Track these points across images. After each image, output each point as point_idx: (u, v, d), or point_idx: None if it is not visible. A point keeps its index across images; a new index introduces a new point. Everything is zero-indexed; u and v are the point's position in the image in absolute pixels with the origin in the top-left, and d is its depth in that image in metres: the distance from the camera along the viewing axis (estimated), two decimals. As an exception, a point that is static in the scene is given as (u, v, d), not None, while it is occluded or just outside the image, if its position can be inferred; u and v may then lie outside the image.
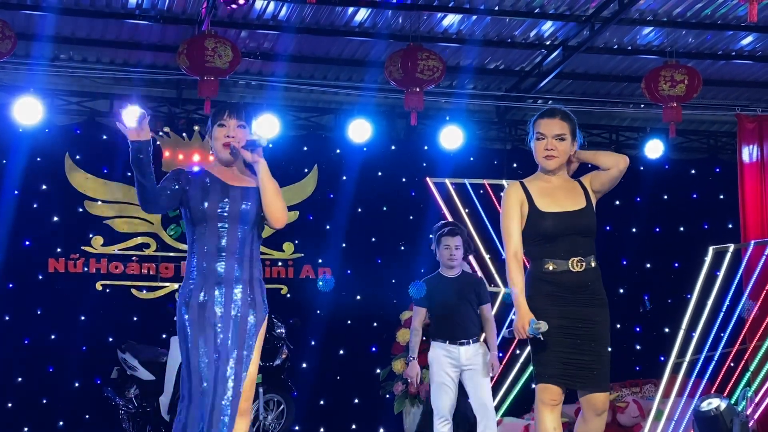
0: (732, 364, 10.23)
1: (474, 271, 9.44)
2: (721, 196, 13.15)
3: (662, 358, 11.32)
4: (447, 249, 8.13)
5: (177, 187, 5.45)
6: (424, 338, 8.34)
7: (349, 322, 11.92)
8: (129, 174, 11.27)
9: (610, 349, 5.53)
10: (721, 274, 9.54)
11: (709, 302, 9.44)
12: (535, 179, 5.59)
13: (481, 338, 8.15)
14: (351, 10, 10.29)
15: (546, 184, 5.52)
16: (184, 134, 11.58)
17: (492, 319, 8.23)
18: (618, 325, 12.78)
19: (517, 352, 10.74)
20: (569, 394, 5.62)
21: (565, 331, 5.30)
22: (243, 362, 5.26)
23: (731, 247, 9.64)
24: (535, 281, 5.40)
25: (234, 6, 8.78)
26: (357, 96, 11.92)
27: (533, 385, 5.47)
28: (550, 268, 5.34)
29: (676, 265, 12.67)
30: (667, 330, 12.18)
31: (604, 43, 11.19)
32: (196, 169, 5.67)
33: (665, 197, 13.19)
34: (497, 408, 9.83)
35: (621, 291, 12.87)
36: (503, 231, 5.47)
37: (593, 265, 5.39)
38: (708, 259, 9.40)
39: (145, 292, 11.49)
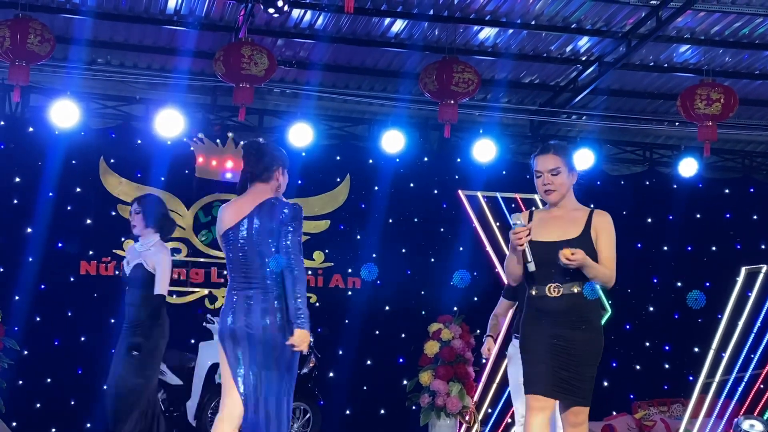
0: (762, 386, 10.15)
1: None
2: (755, 217, 13.06)
3: (691, 378, 11.25)
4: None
5: None
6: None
7: (377, 332, 11.90)
8: (162, 179, 11.44)
9: (592, 369, 5.63)
10: (753, 295, 9.49)
11: (740, 323, 9.39)
12: (543, 209, 5.92)
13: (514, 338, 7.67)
14: (388, 20, 10.32)
15: (547, 215, 5.80)
16: (218, 141, 11.62)
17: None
18: (647, 344, 12.73)
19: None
20: (592, 411, 5.75)
21: (546, 348, 5.53)
22: None
23: (764, 268, 9.58)
24: (526, 305, 5.71)
25: (272, 10, 8.78)
26: (391, 107, 11.93)
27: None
28: (533, 293, 5.60)
29: (708, 284, 12.56)
30: (696, 349, 12.09)
31: (641, 60, 11.15)
32: None
33: (698, 216, 13.11)
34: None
35: (651, 309, 12.80)
36: None
37: (575, 290, 5.53)
38: (740, 279, 9.35)
39: (174, 297, 11.52)
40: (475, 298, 11.56)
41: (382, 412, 11.98)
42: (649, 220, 13.00)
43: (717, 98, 10.29)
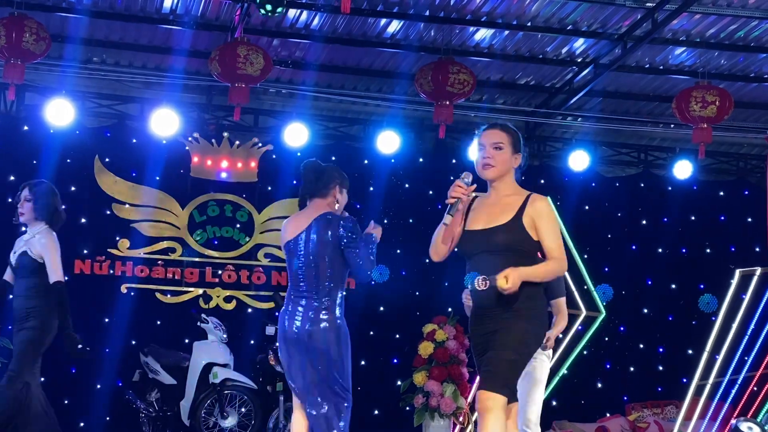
0: (755, 388, 10.16)
1: None
2: (749, 219, 13.07)
3: (685, 380, 11.26)
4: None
5: None
6: None
7: (371, 333, 11.90)
8: (157, 178, 11.43)
9: (513, 355, 5.12)
10: (746, 298, 9.49)
11: (734, 325, 9.39)
12: (484, 194, 5.50)
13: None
14: (383, 21, 10.32)
15: (485, 200, 5.45)
16: (213, 140, 11.63)
17: (565, 313, 7.47)
18: (641, 345, 12.75)
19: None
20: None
21: (476, 345, 5.32)
22: None
23: (758, 271, 9.58)
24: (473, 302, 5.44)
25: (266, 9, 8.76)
26: (386, 107, 11.94)
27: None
28: (469, 286, 5.28)
29: (702, 286, 12.57)
30: (690, 352, 12.11)
31: (636, 62, 11.17)
32: None
33: (693, 218, 13.13)
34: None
35: (645, 311, 12.81)
36: None
37: None
38: (734, 281, 9.35)
39: (169, 296, 11.53)
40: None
41: (376, 412, 11.98)
42: (644, 222, 13.02)
43: (712, 101, 10.30)
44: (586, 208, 12.67)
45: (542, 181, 12.59)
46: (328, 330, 6.30)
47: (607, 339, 12.22)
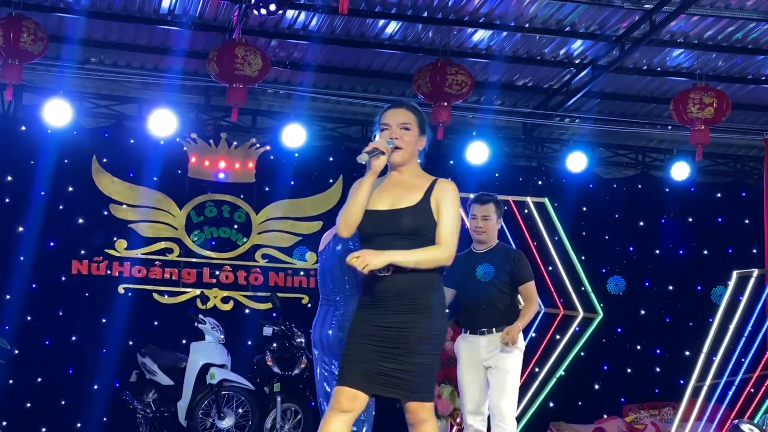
0: (752, 390, 10.17)
1: None
2: (747, 221, 13.09)
3: (682, 382, 11.25)
4: (473, 219, 7.29)
5: None
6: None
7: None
8: (155, 178, 11.43)
9: (425, 354, 4.89)
10: (744, 299, 9.50)
11: (731, 327, 9.40)
12: (386, 176, 5.14)
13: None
14: (382, 22, 10.32)
15: (388, 181, 5.09)
16: (211, 141, 11.62)
17: (535, 299, 7.24)
18: (638, 347, 12.75)
19: (536, 370, 10.71)
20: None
21: (369, 339, 4.88)
22: None
23: (755, 272, 9.59)
24: (361, 288, 5.07)
25: (264, 11, 8.76)
26: (384, 108, 11.90)
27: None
28: (366, 272, 4.86)
29: (699, 288, 12.60)
30: (687, 353, 12.11)
31: (634, 64, 11.17)
32: None
33: (690, 220, 13.14)
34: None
35: (642, 312, 12.82)
36: None
37: (409, 269, 4.85)
38: (731, 283, 9.36)
39: (166, 296, 11.52)
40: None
41: (373, 413, 11.96)
42: (641, 223, 13.02)
43: (710, 102, 10.31)
44: (584, 209, 12.68)
45: (540, 183, 12.60)
46: (339, 335, 6.74)
47: (604, 340, 12.22)
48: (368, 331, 4.89)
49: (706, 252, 13.12)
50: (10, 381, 10.87)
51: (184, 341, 10.93)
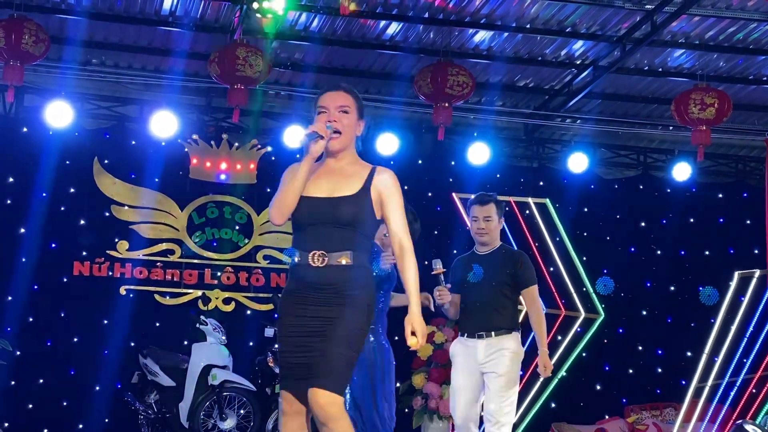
0: (754, 390, 10.17)
1: None
2: (748, 222, 13.07)
3: (684, 382, 11.27)
4: (475, 221, 7.08)
5: None
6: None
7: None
8: (156, 180, 11.43)
9: (347, 350, 4.62)
10: (745, 300, 9.51)
11: (733, 327, 9.41)
12: (322, 162, 4.84)
13: (514, 332, 6.95)
14: (383, 23, 10.32)
15: (324, 167, 4.79)
16: (212, 142, 11.62)
17: (537, 304, 7.01)
18: (640, 348, 12.74)
19: (538, 370, 10.70)
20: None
21: (292, 330, 4.66)
22: None
23: (757, 273, 9.60)
24: (288, 275, 4.83)
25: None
26: (386, 109, 11.93)
27: None
28: (296, 259, 4.70)
29: (701, 289, 12.59)
30: (689, 354, 12.10)
31: (635, 64, 11.17)
32: None
33: (691, 220, 13.13)
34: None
35: (644, 313, 12.81)
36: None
37: (344, 262, 4.63)
38: (733, 284, 9.37)
39: (168, 298, 11.52)
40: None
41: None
42: (643, 224, 13.01)
43: (711, 103, 10.30)
44: (585, 210, 12.67)
45: (541, 183, 12.59)
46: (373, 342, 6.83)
47: (606, 341, 12.22)
48: (291, 322, 4.66)
49: (707, 253, 13.11)
50: (12, 382, 10.87)
51: (185, 342, 10.93)
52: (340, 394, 4.54)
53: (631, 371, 12.70)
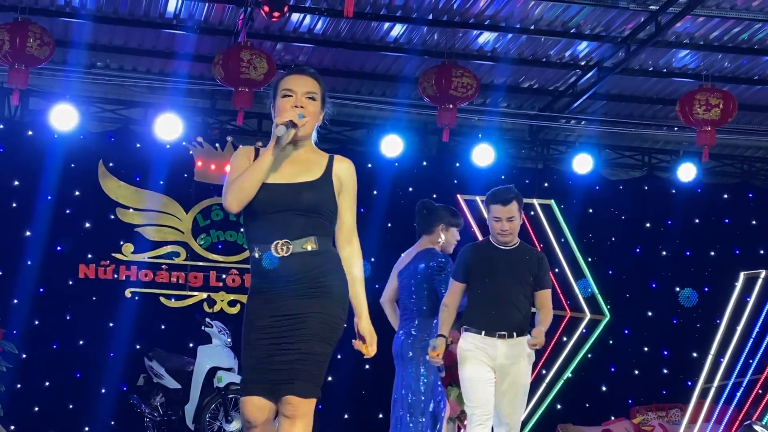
0: (761, 391, 10.15)
1: None
2: (753, 222, 13.06)
3: (689, 383, 11.25)
4: (497, 222, 6.67)
5: None
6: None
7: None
8: (161, 182, 11.44)
9: (328, 344, 4.45)
10: (751, 300, 9.49)
11: (739, 328, 9.39)
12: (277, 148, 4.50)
13: (528, 335, 6.56)
14: (387, 25, 10.32)
15: (281, 154, 4.45)
16: (217, 144, 11.63)
17: (550, 309, 6.67)
18: (646, 348, 12.73)
19: (543, 372, 10.70)
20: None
21: (266, 332, 4.36)
22: None
23: (762, 273, 9.58)
24: (251, 273, 4.53)
25: (276, 15, 8.78)
26: (390, 111, 11.94)
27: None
28: (255, 255, 4.39)
29: (706, 289, 12.57)
30: (695, 355, 12.09)
31: (640, 65, 11.16)
32: None
33: (697, 221, 13.11)
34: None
35: (649, 314, 12.79)
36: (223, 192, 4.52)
37: (309, 248, 4.34)
38: (739, 284, 9.35)
39: (173, 300, 11.53)
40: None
41: (381, 416, 11.96)
42: (648, 224, 13.00)
43: (716, 103, 10.28)
44: (590, 211, 12.66)
45: (546, 184, 12.58)
46: (410, 344, 7.65)
47: (611, 342, 12.21)
48: (264, 324, 4.38)
49: (712, 253, 13.09)
50: (18, 385, 10.88)
51: (191, 345, 10.94)
52: (314, 396, 4.37)
53: (636, 372, 12.69)
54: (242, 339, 4.50)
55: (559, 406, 11.72)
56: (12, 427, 10.75)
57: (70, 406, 11.16)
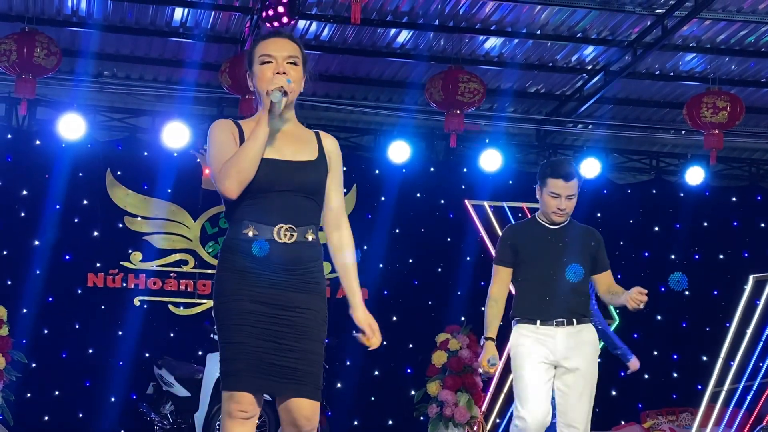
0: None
1: None
2: (762, 225, 13.04)
3: (700, 387, 11.21)
4: (554, 198, 6.02)
5: None
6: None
7: (384, 342, 11.78)
8: (169, 190, 11.45)
9: (324, 345, 4.16)
10: (761, 303, 9.47)
11: (749, 331, 9.37)
12: (250, 120, 4.14)
13: (590, 322, 5.99)
14: (393, 31, 10.33)
15: (272, 129, 4.03)
16: (224, 152, 11.62)
17: (615, 288, 6.05)
18: (655, 352, 12.70)
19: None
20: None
21: (259, 320, 3.98)
22: None
23: (772, 276, 9.56)
24: (228, 252, 4.05)
25: (276, 23, 8.79)
26: (397, 117, 11.94)
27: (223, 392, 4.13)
28: (248, 233, 3.97)
29: (716, 292, 12.55)
30: (705, 358, 12.06)
31: (646, 69, 11.15)
32: None
33: (705, 224, 13.08)
34: None
35: (659, 318, 12.77)
36: (214, 169, 4.07)
37: (310, 238, 4.06)
38: (748, 287, 9.33)
39: (182, 308, 11.54)
40: (482, 308, 11.51)
41: (390, 422, 11.97)
42: (656, 228, 12.98)
43: (723, 106, 10.27)
44: (598, 215, 12.63)
45: (554, 189, 12.56)
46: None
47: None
48: (253, 309, 3.99)
49: (721, 256, 13.07)
50: (28, 394, 10.89)
51: (200, 352, 10.94)
52: (319, 400, 4.15)
53: (646, 376, 12.65)
54: (223, 325, 4.08)
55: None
56: (22, 437, 10.76)
57: (80, 415, 11.16)
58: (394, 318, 11.95)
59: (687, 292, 12.77)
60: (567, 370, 5.71)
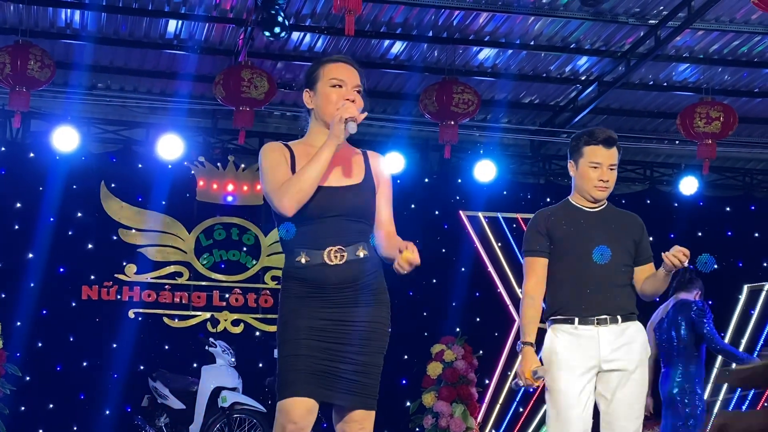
0: (766, 404, 10.13)
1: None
2: (756, 234, 13.03)
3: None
4: (595, 168, 5.29)
5: None
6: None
7: (379, 354, 11.85)
8: (163, 203, 11.45)
9: (383, 355, 4.36)
10: (755, 313, 9.49)
11: (743, 340, 9.38)
12: (300, 143, 4.34)
13: (637, 318, 5.35)
14: (387, 42, 10.35)
15: (313, 149, 4.20)
16: (218, 164, 11.64)
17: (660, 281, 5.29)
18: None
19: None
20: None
21: (317, 335, 4.11)
22: None
23: (766, 286, 9.58)
24: (286, 281, 4.27)
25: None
26: (391, 128, 11.95)
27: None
28: (301, 260, 4.17)
29: (710, 302, 12.52)
30: (700, 368, 12.05)
31: (640, 79, 11.18)
32: None
33: (699, 234, 13.09)
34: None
35: (654, 328, 12.75)
36: (269, 189, 4.18)
37: (362, 255, 4.15)
38: (742, 297, 9.34)
39: (177, 320, 11.52)
40: (478, 319, 11.55)
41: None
42: (651, 239, 12.92)
43: (716, 116, 10.29)
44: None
45: (548, 199, 12.55)
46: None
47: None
48: (314, 325, 4.11)
49: (715, 266, 13.03)
50: (22, 408, 10.86)
51: (195, 365, 10.92)
52: (375, 408, 4.32)
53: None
54: (282, 341, 4.17)
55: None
56: (16, 450, 10.73)
57: (75, 428, 11.13)
58: (389, 329, 11.91)
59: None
60: (612, 375, 5.00)
